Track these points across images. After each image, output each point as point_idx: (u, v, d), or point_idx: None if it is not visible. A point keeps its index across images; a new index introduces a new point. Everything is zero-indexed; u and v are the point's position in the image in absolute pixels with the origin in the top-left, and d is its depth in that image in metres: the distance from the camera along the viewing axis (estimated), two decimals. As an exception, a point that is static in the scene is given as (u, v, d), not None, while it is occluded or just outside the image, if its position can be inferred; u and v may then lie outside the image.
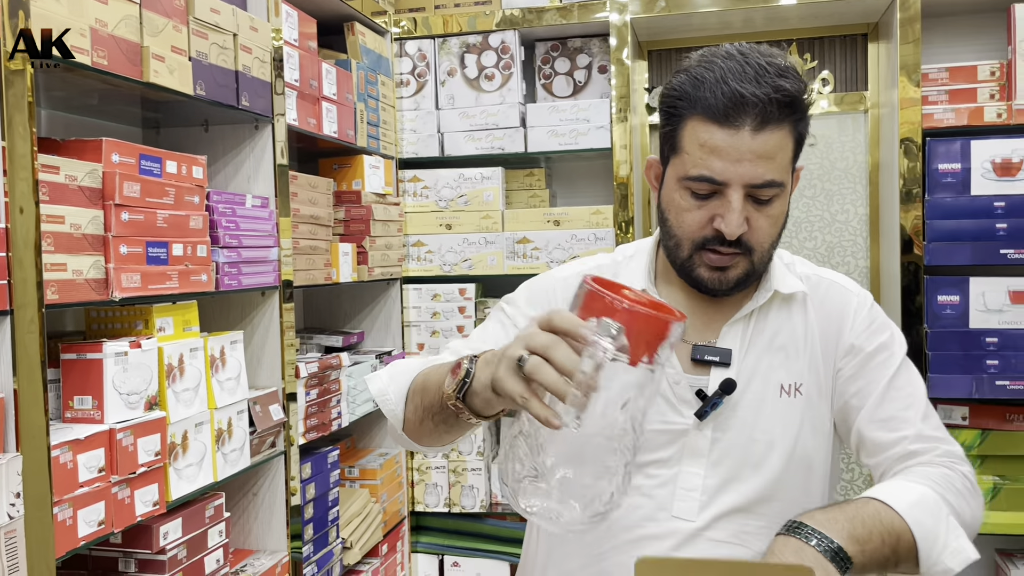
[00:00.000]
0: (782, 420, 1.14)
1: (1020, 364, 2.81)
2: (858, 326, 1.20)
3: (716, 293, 1.15)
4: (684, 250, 1.14)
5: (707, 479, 1.12)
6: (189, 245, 1.90)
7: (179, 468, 1.85)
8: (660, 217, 1.18)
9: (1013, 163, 2.80)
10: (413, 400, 1.11)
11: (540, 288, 1.26)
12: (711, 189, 1.09)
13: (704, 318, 1.20)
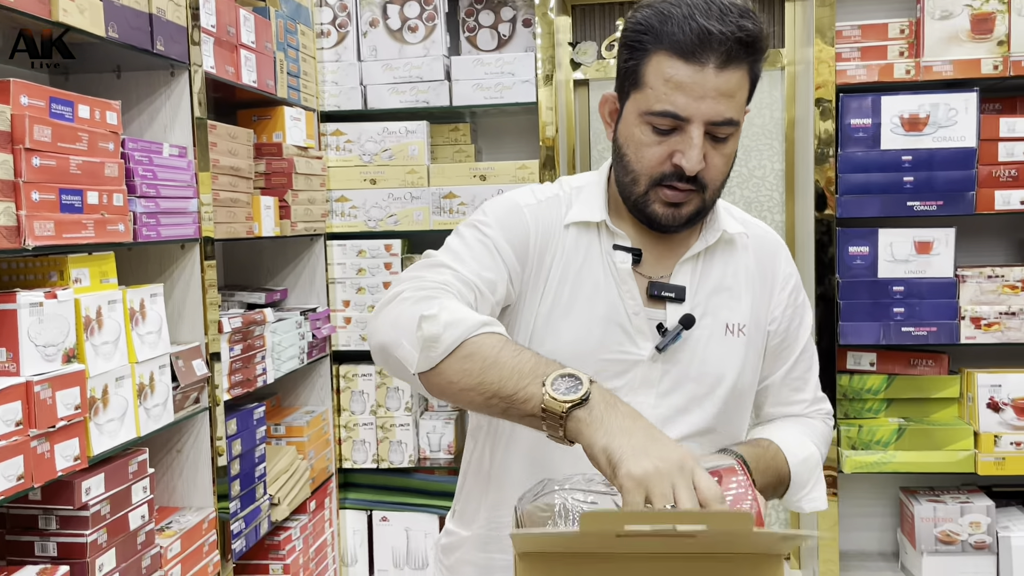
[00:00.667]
0: (727, 357, 1.20)
1: (924, 311, 2.96)
2: (790, 285, 1.28)
3: (668, 229, 1.18)
4: (641, 185, 1.15)
5: (656, 409, 1.17)
6: (105, 194, 1.83)
7: (100, 423, 1.80)
8: (617, 153, 1.19)
9: (920, 118, 2.91)
10: (465, 364, 0.99)
11: (509, 212, 1.22)
12: (673, 124, 1.11)
13: (655, 254, 1.22)
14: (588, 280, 1.19)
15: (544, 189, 1.27)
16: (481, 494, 1.25)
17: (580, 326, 1.17)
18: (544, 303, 1.19)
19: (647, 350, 1.17)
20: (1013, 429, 2.93)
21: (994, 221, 3.14)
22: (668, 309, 1.18)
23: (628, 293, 1.18)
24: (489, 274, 1.16)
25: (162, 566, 2.02)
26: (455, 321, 1.01)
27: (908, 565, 3.18)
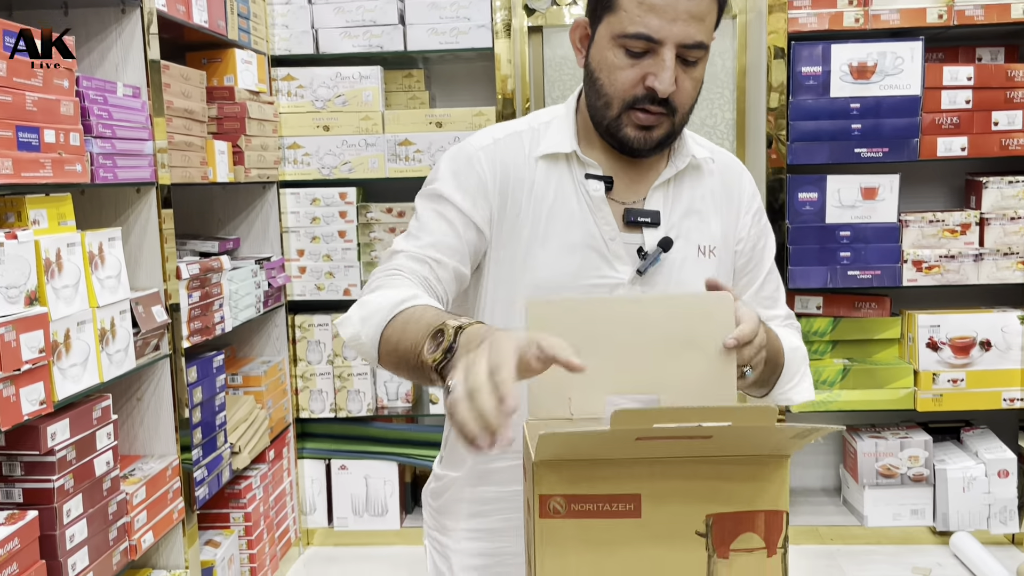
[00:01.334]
0: (700, 278, 1.22)
1: (869, 255, 3.06)
2: (754, 206, 1.32)
3: (640, 152, 1.20)
4: (614, 109, 1.17)
5: None
6: (61, 132, 1.78)
7: (63, 368, 1.77)
8: (589, 78, 1.20)
9: (868, 66, 2.98)
10: (386, 346, 1.05)
11: (463, 164, 1.23)
12: (646, 47, 1.12)
13: (626, 181, 1.24)
14: (563, 210, 1.21)
15: (506, 127, 1.27)
16: None
17: (558, 255, 1.19)
18: (520, 237, 1.20)
19: (627, 274, 1.20)
20: (950, 367, 3.07)
21: (936, 167, 3.25)
22: (645, 233, 1.22)
23: (603, 220, 1.20)
24: (447, 239, 1.19)
25: (128, 512, 2.00)
26: (368, 315, 1.07)
27: (850, 499, 3.32)
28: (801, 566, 3.04)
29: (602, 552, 0.89)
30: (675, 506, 0.89)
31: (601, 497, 0.88)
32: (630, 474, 0.88)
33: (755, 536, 0.91)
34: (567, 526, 0.88)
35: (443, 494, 1.32)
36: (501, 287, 1.22)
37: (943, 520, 3.12)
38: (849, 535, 3.18)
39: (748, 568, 0.91)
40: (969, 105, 2.98)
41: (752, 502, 0.90)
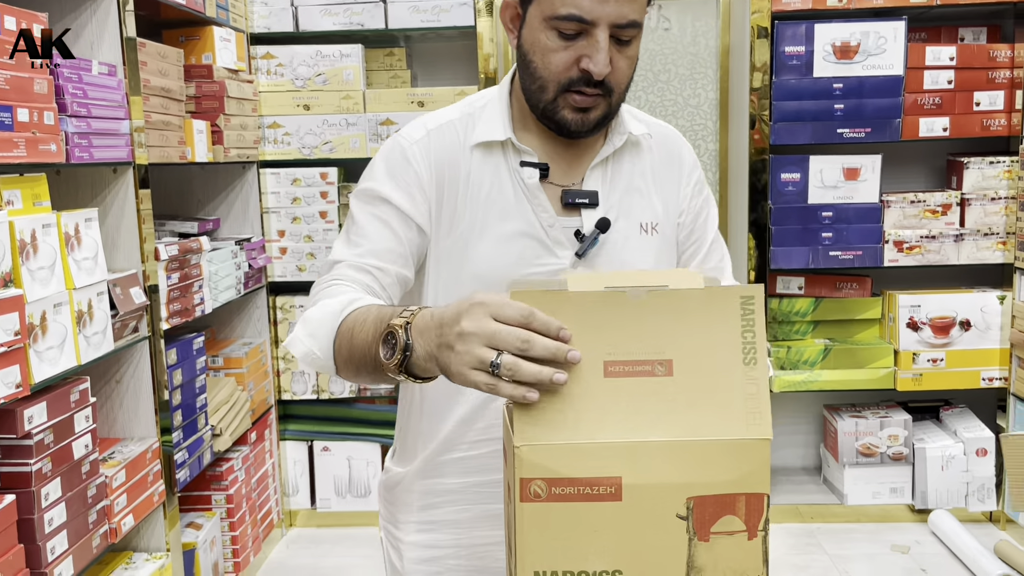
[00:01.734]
0: (643, 255, 1.23)
1: (850, 236, 3.07)
2: (693, 177, 1.31)
3: (577, 135, 1.18)
4: (549, 92, 1.14)
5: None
6: (35, 111, 1.74)
7: (39, 350, 1.74)
8: (522, 60, 1.17)
9: (851, 46, 2.98)
10: (341, 355, 1.04)
11: (398, 161, 1.19)
12: (578, 28, 1.10)
13: (564, 163, 1.22)
14: (499, 199, 1.18)
15: (439, 116, 1.24)
16: (417, 429, 1.26)
17: (497, 246, 1.17)
18: (459, 230, 1.18)
19: (567, 258, 1.19)
20: (930, 347, 3.09)
21: (918, 148, 3.26)
22: (583, 215, 1.20)
23: (540, 207, 1.18)
24: (387, 244, 1.16)
25: (108, 495, 1.99)
26: (314, 330, 1.05)
27: (830, 477, 3.35)
28: (781, 544, 3.07)
29: (583, 536, 0.89)
30: (656, 489, 0.89)
31: (582, 480, 0.88)
32: (611, 457, 0.88)
33: (736, 519, 0.91)
34: (548, 510, 0.88)
35: (395, 487, 1.30)
36: (443, 281, 1.20)
37: (922, 498, 3.15)
38: (829, 513, 3.22)
39: (729, 551, 0.91)
40: (951, 85, 2.99)
41: (733, 485, 0.90)
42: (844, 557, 2.96)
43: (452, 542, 1.24)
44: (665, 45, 3.48)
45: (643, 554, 0.90)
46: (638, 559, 0.90)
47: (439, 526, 1.25)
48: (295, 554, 3.14)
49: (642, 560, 0.90)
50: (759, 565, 0.92)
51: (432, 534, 1.26)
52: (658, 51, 3.48)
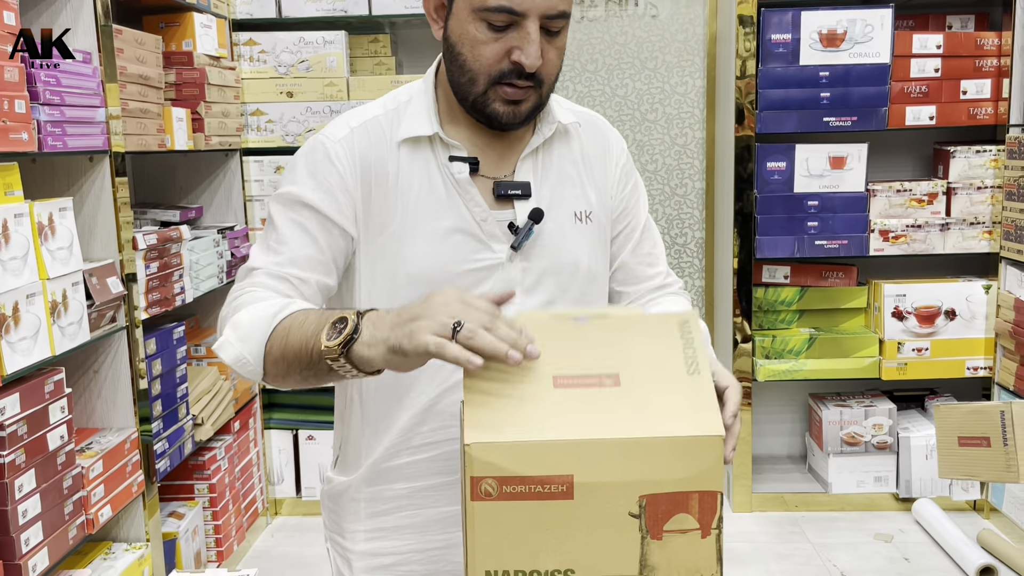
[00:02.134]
0: (579, 244, 1.22)
1: (836, 225, 3.06)
2: (621, 161, 1.30)
3: (509, 127, 1.16)
4: (479, 85, 1.12)
5: (524, 306, 1.17)
6: (5, 99, 1.72)
7: (12, 342, 1.73)
8: (450, 53, 1.14)
9: (838, 34, 2.96)
10: (272, 354, 1.04)
11: (320, 161, 1.15)
12: (509, 20, 1.08)
13: (494, 155, 1.20)
14: (430, 197, 1.15)
15: (362, 113, 1.19)
16: (359, 440, 1.24)
17: (430, 244, 1.15)
18: (390, 229, 1.15)
19: (503, 252, 1.17)
20: (915, 336, 3.09)
21: (904, 136, 3.24)
22: (516, 207, 1.18)
23: (472, 201, 1.16)
24: (307, 251, 1.14)
25: (84, 486, 1.98)
26: (247, 334, 1.04)
27: (815, 466, 3.36)
28: (765, 532, 3.08)
29: (535, 534, 0.88)
30: (608, 487, 0.88)
31: (533, 479, 0.87)
32: (562, 455, 0.87)
33: (689, 517, 0.90)
34: (500, 508, 0.87)
35: (339, 496, 1.26)
36: (377, 282, 1.17)
37: (906, 487, 3.16)
38: (814, 502, 3.22)
39: (682, 549, 0.90)
40: (938, 74, 2.97)
41: (686, 483, 0.89)
42: (827, 545, 2.97)
43: (404, 548, 1.22)
44: (652, 32, 3.45)
45: (596, 553, 0.89)
46: (590, 558, 0.89)
47: (389, 533, 1.23)
48: (280, 542, 3.14)
49: (594, 559, 0.89)
50: (712, 563, 0.91)
51: (382, 542, 1.23)
52: (645, 38, 3.45)
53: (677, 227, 3.57)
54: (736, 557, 2.90)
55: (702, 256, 3.58)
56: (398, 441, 1.19)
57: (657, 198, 3.54)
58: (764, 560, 2.89)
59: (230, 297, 1.13)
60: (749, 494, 3.22)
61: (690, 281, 3.60)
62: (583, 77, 3.47)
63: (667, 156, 3.52)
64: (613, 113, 3.45)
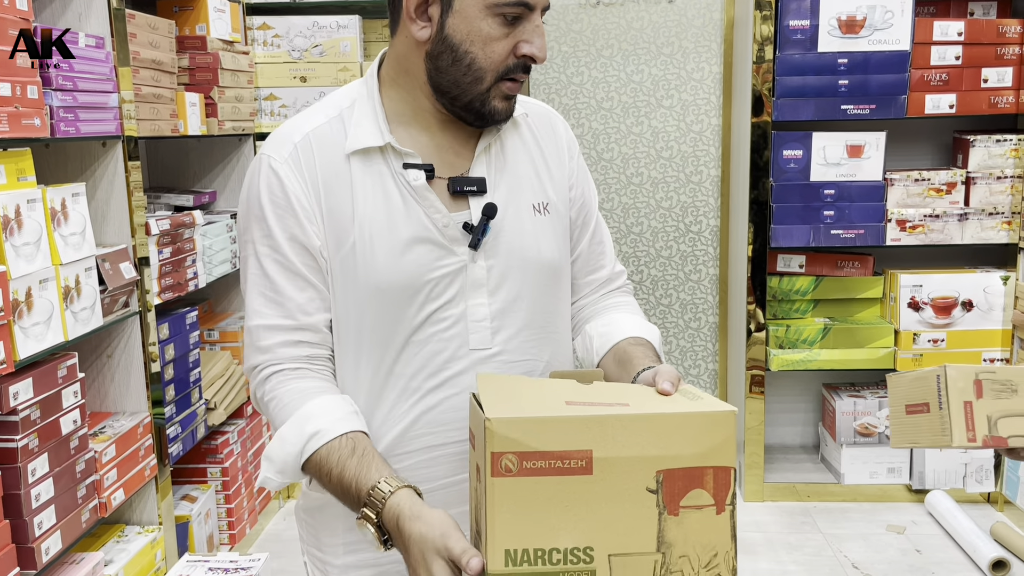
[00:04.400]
0: (540, 237, 1.20)
1: (853, 214, 3.03)
2: (574, 150, 1.30)
3: (501, 123, 1.16)
4: (485, 83, 1.11)
5: (491, 306, 1.16)
6: (18, 85, 1.72)
7: (25, 327, 1.74)
8: (450, 53, 1.10)
9: (857, 20, 2.92)
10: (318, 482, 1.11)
11: (277, 191, 1.11)
12: (520, 12, 1.09)
13: (449, 154, 1.17)
14: (385, 207, 1.12)
15: (303, 123, 1.15)
16: None
17: (393, 255, 1.12)
18: (349, 241, 1.12)
19: (466, 254, 1.15)
20: (931, 327, 3.06)
21: (923, 125, 3.20)
22: (472, 204, 1.16)
23: (432, 207, 1.13)
24: (304, 294, 1.13)
25: (97, 470, 2.00)
26: (282, 469, 1.10)
27: (828, 456, 3.34)
28: (777, 522, 3.07)
29: (555, 511, 0.89)
30: (626, 462, 0.90)
31: (553, 454, 0.89)
32: (581, 431, 0.89)
33: (704, 492, 0.92)
34: (520, 484, 0.89)
35: (317, 512, 1.24)
36: (339, 293, 1.14)
37: (919, 479, 3.14)
38: (826, 492, 3.21)
39: (698, 524, 0.92)
40: (959, 61, 2.93)
41: (701, 458, 0.91)
42: (839, 536, 2.96)
43: (384, 559, 1.17)
44: (669, 18, 3.42)
45: (614, 530, 0.91)
46: (609, 535, 0.91)
47: (367, 545, 1.18)
48: (292, 526, 3.15)
49: (613, 536, 0.91)
50: (727, 541, 0.93)
51: (361, 554, 1.20)
52: (662, 24, 3.42)
53: (692, 214, 3.54)
54: (748, 547, 2.89)
55: (717, 244, 3.56)
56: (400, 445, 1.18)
57: (672, 185, 3.52)
58: (775, 550, 2.88)
59: (254, 378, 1.15)
60: (761, 484, 3.21)
61: (704, 269, 3.58)
62: (599, 63, 3.44)
63: (683, 143, 3.49)
64: (628, 99, 3.42)
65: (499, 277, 1.16)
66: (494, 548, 0.90)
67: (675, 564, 0.92)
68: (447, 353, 1.14)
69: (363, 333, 1.13)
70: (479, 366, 1.15)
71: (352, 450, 1.06)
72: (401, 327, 1.13)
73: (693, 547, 0.92)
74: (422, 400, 1.15)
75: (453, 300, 1.14)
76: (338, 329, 1.15)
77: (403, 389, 1.15)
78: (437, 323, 1.13)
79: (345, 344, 1.15)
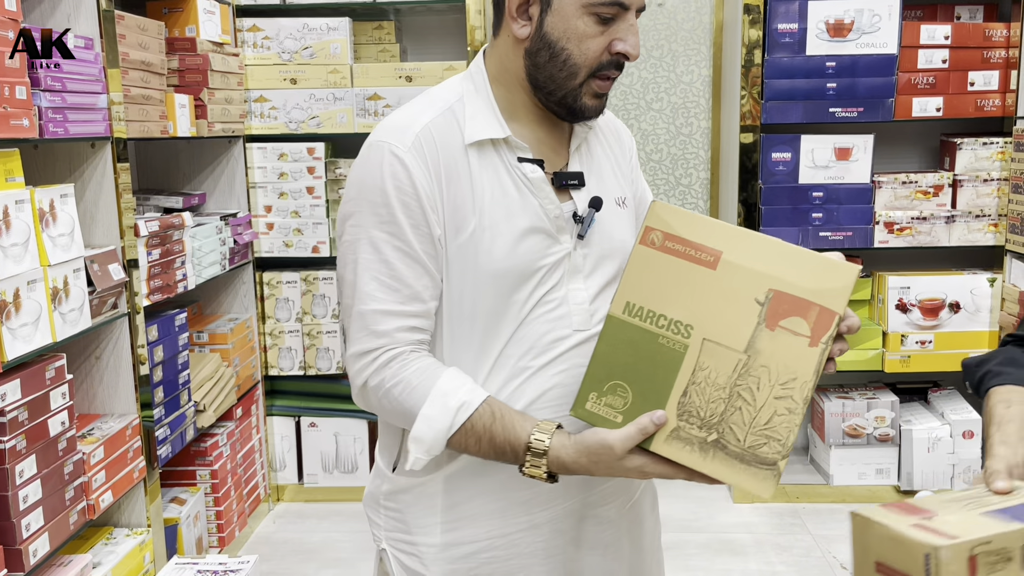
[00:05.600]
0: (623, 229, 1.29)
1: (841, 216, 3.05)
2: (632, 150, 1.38)
3: (591, 119, 1.23)
4: (579, 78, 1.17)
5: (587, 290, 1.23)
6: (6, 86, 1.72)
7: (12, 328, 1.73)
8: (548, 50, 1.16)
9: (845, 24, 2.94)
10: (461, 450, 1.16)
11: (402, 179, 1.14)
12: (616, 12, 1.14)
13: (548, 149, 1.24)
14: (503, 197, 1.17)
15: (417, 115, 1.18)
16: None
17: (510, 244, 1.17)
18: (466, 230, 1.16)
19: (568, 242, 1.22)
20: (919, 329, 3.08)
21: (910, 128, 3.22)
22: (574, 197, 1.24)
23: (547, 199, 1.20)
24: (421, 281, 1.16)
25: (85, 472, 1.99)
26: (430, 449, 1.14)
27: (817, 458, 3.35)
28: (765, 523, 3.08)
29: (675, 288, 1.07)
30: (746, 271, 1.04)
31: (691, 243, 1.07)
32: (721, 235, 1.07)
33: (804, 323, 1.02)
34: (656, 257, 1.09)
35: (405, 494, 1.25)
36: (455, 278, 1.18)
37: (907, 479, 3.15)
38: (815, 493, 3.22)
39: (788, 347, 1.02)
40: (946, 65, 2.95)
41: (813, 294, 1.02)
42: (827, 537, 2.97)
43: (484, 535, 1.21)
44: (659, 21, 3.43)
45: (716, 320, 1.05)
46: (710, 322, 1.06)
47: (468, 521, 1.22)
48: (281, 528, 3.15)
49: (713, 324, 1.05)
50: (810, 372, 1.02)
51: (461, 531, 1.22)
52: (651, 27, 3.43)
53: (681, 217, 3.55)
54: (736, 548, 2.90)
55: (706, 246, 3.57)
56: None
57: (662, 187, 3.53)
58: (764, 551, 2.89)
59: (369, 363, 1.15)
60: (750, 485, 3.21)
61: (694, 271, 3.59)
62: (588, 65, 3.45)
63: (672, 146, 3.50)
64: (618, 102, 3.43)
65: (593, 264, 1.24)
66: (620, 297, 1.10)
67: (755, 369, 1.03)
68: (554, 334, 1.21)
69: (477, 317, 1.19)
70: (581, 346, 1.21)
71: (492, 415, 1.13)
72: (513, 310, 1.19)
73: (776, 363, 1.02)
74: (533, 378, 1.20)
75: (558, 284, 1.22)
76: (450, 313, 1.19)
77: (512, 368, 1.20)
78: (545, 305, 1.21)
79: (457, 328, 1.20)
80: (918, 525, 0.90)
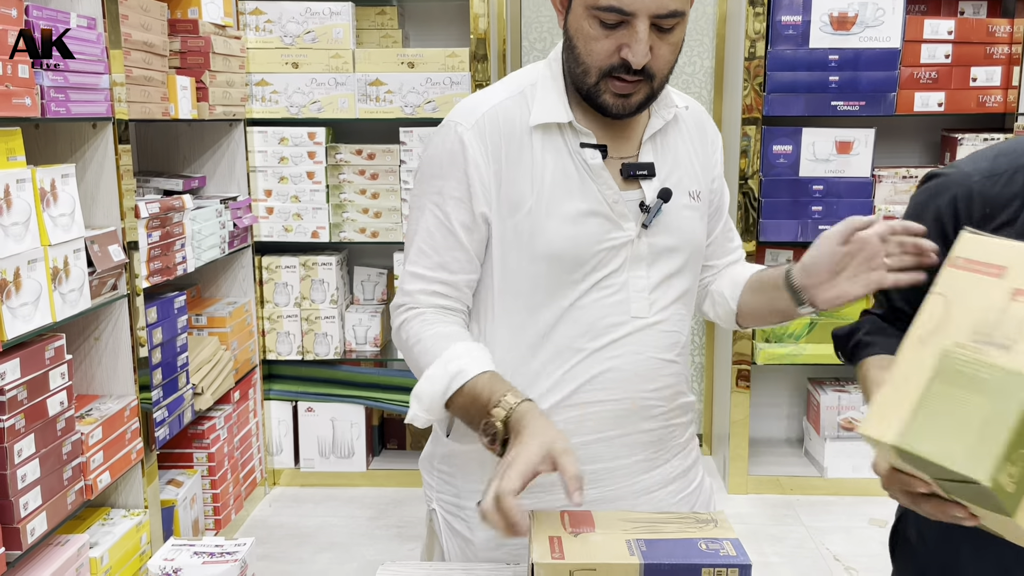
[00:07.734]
0: (693, 222, 1.30)
1: (841, 209, 3.05)
2: (718, 144, 1.39)
3: (618, 118, 1.23)
4: (592, 77, 1.18)
5: (649, 279, 1.26)
6: (8, 64, 1.71)
7: (13, 307, 1.74)
8: (568, 44, 1.20)
9: (849, 17, 2.93)
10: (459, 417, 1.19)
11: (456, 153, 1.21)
12: (619, 19, 1.13)
13: (619, 138, 1.26)
14: (563, 180, 1.21)
15: (488, 97, 1.25)
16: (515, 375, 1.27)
17: (568, 225, 1.21)
18: (523, 209, 1.21)
19: (632, 230, 1.24)
20: (916, 323, 3.09)
21: (912, 122, 3.22)
22: (643, 187, 1.25)
23: (605, 184, 1.22)
24: (453, 253, 1.23)
25: (83, 452, 1.99)
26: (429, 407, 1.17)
27: (811, 451, 3.37)
28: (760, 514, 3.09)
29: None
30: None
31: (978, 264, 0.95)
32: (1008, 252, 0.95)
33: None
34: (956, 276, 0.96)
35: (453, 458, 1.31)
36: (510, 256, 1.23)
37: (901, 473, 3.16)
38: (809, 485, 3.24)
39: None
40: (948, 60, 2.95)
41: None
42: (822, 529, 2.98)
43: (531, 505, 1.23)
44: (662, 11, 3.42)
45: None
46: None
47: None
48: (277, 512, 3.16)
49: None
50: None
51: None
52: None
53: (681, 208, 3.56)
54: (730, 538, 2.92)
55: (705, 238, 3.58)
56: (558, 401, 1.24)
57: (662, 179, 3.53)
58: (758, 542, 2.90)
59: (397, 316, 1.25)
60: (745, 476, 3.23)
61: (692, 263, 3.60)
62: (591, 55, 3.44)
63: (673, 136, 3.50)
64: (620, 92, 3.42)
65: (656, 254, 1.25)
66: None
67: None
68: (611, 318, 1.23)
69: (526, 295, 1.22)
70: (638, 333, 1.24)
71: (488, 381, 1.14)
72: (567, 291, 1.21)
73: None
74: (585, 361, 1.23)
75: (618, 270, 1.23)
76: (503, 288, 1.24)
77: (562, 349, 1.23)
78: (603, 289, 1.23)
79: (510, 302, 1.24)
80: None
